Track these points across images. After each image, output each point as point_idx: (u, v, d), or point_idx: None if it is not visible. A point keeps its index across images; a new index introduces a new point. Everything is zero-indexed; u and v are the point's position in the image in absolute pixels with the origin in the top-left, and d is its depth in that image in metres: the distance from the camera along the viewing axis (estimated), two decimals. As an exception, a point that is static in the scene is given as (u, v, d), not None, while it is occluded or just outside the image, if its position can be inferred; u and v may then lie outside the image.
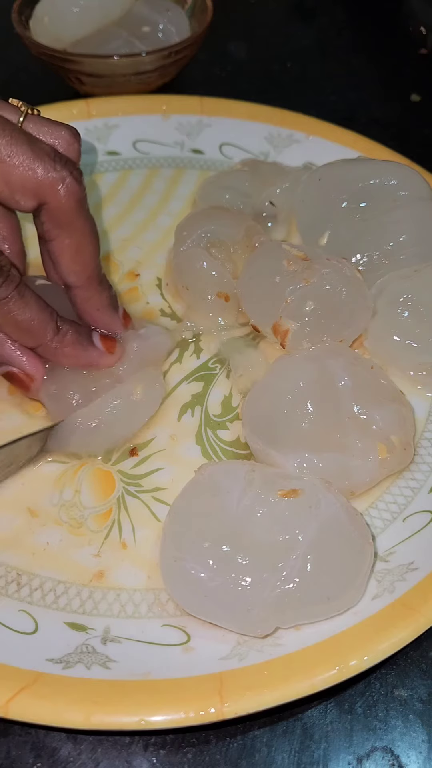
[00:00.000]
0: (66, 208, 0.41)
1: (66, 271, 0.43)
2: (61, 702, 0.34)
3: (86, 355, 0.45)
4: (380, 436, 0.42)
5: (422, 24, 0.86)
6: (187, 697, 0.34)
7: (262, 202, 0.57)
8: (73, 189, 0.40)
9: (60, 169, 0.40)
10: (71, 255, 0.43)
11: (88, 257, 0.43)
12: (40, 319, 0.42)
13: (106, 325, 0.46)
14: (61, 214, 0.41)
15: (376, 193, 0.53)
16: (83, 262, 0.43)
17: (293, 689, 0.34)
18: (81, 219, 0.42)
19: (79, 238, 0.42)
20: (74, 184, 0.40)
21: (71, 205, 0.41)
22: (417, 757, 0.37)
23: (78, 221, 0.42)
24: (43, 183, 0.39)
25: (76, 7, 0.70)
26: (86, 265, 0.43)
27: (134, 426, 0.46)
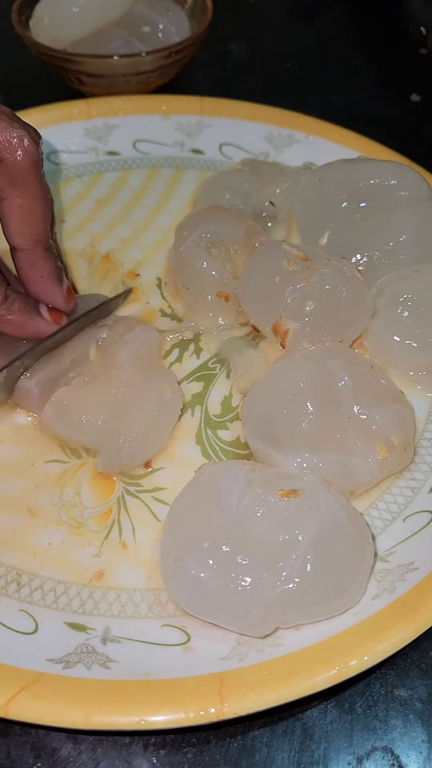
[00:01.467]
0: (21, 167, 0.41)
1: (14, 231, 0.44)
2: (61, 702, 0.34)
3: (32, 323, 0.45)
4: (380, 436, 0.42)
5: (422, 24, 0.86)
6: (187, 697, 0.34)
7: (262, 202, 0.57)
8: (30, 149, 0.41)
9: (18, 128, 0.41)
10: (20, 216, 0.43)
11: (37, 220, 0.44)
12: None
13: (49, 294, 0.46)
14: (16, 173, 0.41)
15: (376, 193, 0.53)
16: (31, 225, 0.44)
17: (293, 689, 0.34)
18: (35, 181, 0.42)
19: (30, 199, 0.43)
20: (32, 145, 0.41)
21: (27, 165, 0.42)
22: (417, 757, 0.37)
23: (31, 182, 0.42)
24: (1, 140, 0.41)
25: (76, 7, 0.70)
26: (34, 228, 0.44)
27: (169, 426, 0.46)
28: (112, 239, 0.58)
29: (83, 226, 0.59)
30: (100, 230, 0.59)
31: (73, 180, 0.62)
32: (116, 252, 0.57)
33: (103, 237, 0.58)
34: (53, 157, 0.63)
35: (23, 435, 0.46)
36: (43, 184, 0.43)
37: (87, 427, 0.43)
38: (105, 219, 0.59)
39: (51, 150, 0.63)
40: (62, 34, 0.69)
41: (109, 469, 0.44)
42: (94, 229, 0.59)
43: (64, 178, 0.62)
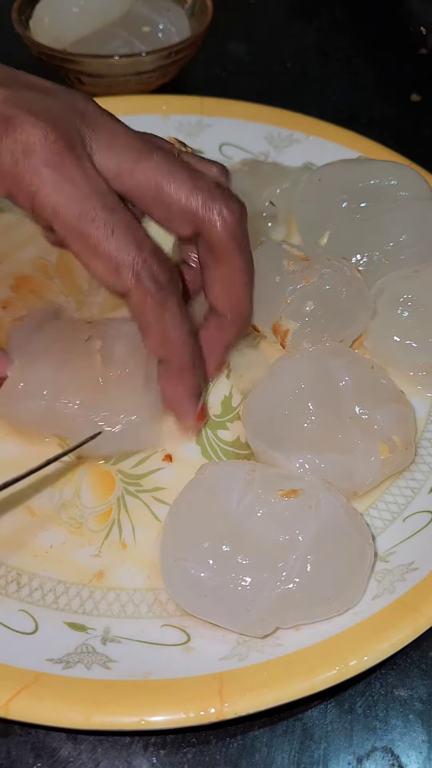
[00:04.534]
0: (221, 240, 0.40)
1: (214, 299, 0.43)
2: (61, 702, 0.34)
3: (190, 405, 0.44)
4: (382, 435, 0.42)
5: (422, 24, 0.86)
6: (187, 697, 0.34)
7: (262, 202, 0.57)
8: (229, 222, 0.40)
9: (218, 200, 0.39)
10: (222, 286, 0.42)
11: (239, 292, 0.42)
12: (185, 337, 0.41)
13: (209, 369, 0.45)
14: (215, 247, 0.40)
15: (376, 193, 0.53)
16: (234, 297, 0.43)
17: (293, 689, 0.34)
18: (235, 252, 0.41)
19: (229, 272, 0.41)
20: (231, 217, 0.40)
21: (227, 238, 0.40)
22: (417, 757, 0.37)
23: (232, 254, 0.41)
24: (198, 213, 0.39)
25: (76, 7, 0.70)
26: (236, 300, 0.43)
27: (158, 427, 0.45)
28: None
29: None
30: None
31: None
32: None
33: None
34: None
35: (23, 434, 0.46)
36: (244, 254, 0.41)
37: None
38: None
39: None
40: (62, 34, 0.69)
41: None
42: (94, 229, 0.58)
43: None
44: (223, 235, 0.40)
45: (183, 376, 0.42)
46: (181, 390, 0.43)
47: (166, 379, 0.43)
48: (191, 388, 0.43)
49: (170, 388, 0.43)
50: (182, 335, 0.40)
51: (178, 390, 0.43)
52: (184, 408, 0.44)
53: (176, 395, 0.43)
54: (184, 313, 0.40)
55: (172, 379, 0.43)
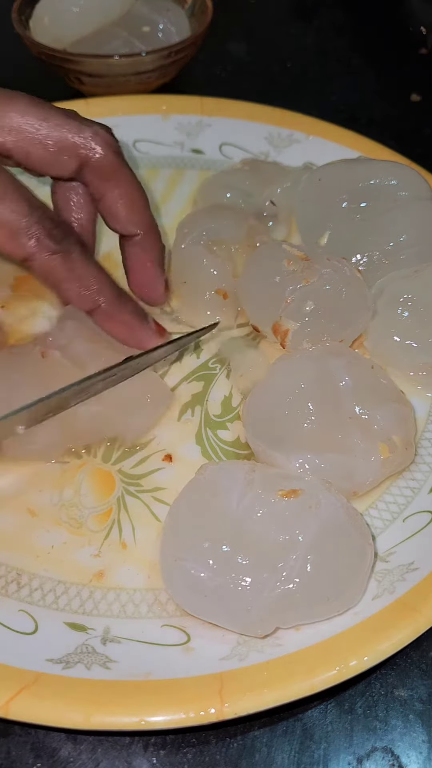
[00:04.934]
0: (108, 159, 0.42)
1: (126, 221, 0.44)
2: (61, 702, 0.34)
3: (142, 329, 0.45)
4: (382, 435, 0.42)
5: (422, 24, 0.86)
6: (187, 697, 0.34)
7: (263, 202, 0.57)
8: (109, 140, 0.42)
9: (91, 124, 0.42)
10: (126, 204, 0.44)
11: (142, 204, 0.44)
12: (102, 278, 0.43)
13: (152, 281, 0.47)
14: (105, 166, 0.42)
15: (376, 193, 0.53)
16: (140, 210, 0.44)
17: (293, 689, 0.34)
18: (125, 168, 0.43)
19: (127, 186, 0.43)
20: (108, 136, 0.42)
21: (112, 155, 0.42)
22: (417, 758, 0.37)
23: (122, 170, 0.43)
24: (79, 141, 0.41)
25: (76, 7, 0.70)
26: (143, 212, 0.45)
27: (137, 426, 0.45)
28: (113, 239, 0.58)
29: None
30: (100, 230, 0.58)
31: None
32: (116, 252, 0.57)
33: (103, 236, 0.58)
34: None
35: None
36: (131, 170, 0.44)
37: None
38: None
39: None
40: (62, 34, 0.69)
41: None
42: (94, 229, 0.58)
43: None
44: (110, 154, 0.42)
45: (120, 308, 0.44)
46: (127, 318, 0.44)
47: (106, 321, 0.44)
48: (133, 313, 0.44)
49: (115, 325, 0.44)
50: (98, 275, 0.42)
51: (124, 319, 0.44)
52: (140, 334, 0.45)
53: (124, 327, 0.44)
54: (89, 257, 0.42)
55: (113, 318, 0.44)
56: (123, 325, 0.44)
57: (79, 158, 0.41)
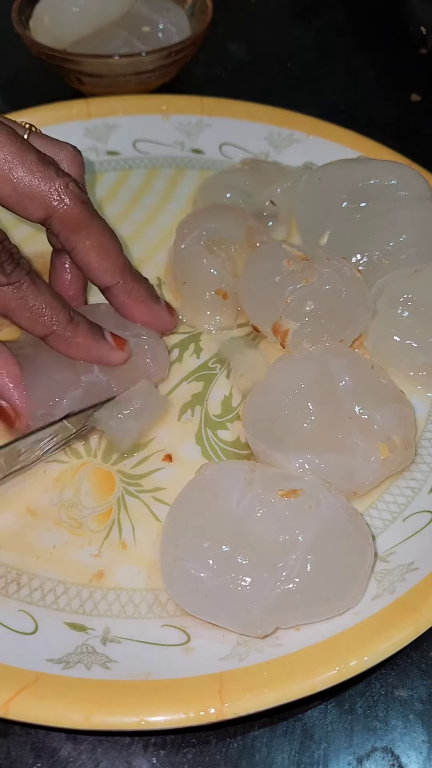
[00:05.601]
0: (75, 211, 0.42)
1: (99, 272, 0.44)
2: (61, 702, 0.34)
3: (98, 347, 0.44)
4: (382, 435, 0.42)
5: (422, 24, 0.86)
6: (187, 697, 0.34)
7: (263, 201, 0.57)
8: (76, 192, 0.41)
9: (63, 176, 0.41)
10: (98, 254, 0.44)
11: (114, 252, 0.44)
12: (53, 305, 0.42)
13: (154, 315, 0.47)
14: (73, 218, 0.42)
15: (376, 193, 0.53)
16: (112, 258, 0.44)
17: (293, 689, 0.34)
18: (93, 219, 0.43)
19: (98, 236, 0.43)
20: (76, 189, 0.42)
21: (80, 206, 0.42)
22: (417, 758, 0.37)
23: (92, 220, 0.43)
24: (48, 191, 0.41)
25: (76, 7, 0.70)
26: (116, 259, 0.44)
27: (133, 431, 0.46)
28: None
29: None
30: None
31: (73, 180, 0.62)
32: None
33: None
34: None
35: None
36: (101, 219, 0.44)
37: None
38: (105, 218, 0.59)
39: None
40: (62, 34, 0.69)
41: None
42: (94, 229, 0.58)
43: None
44: (78, 206, 0.42)
45: (74, 332, 0.43)
46: (80, 340, 0.44)
47: (61, 345, 0.44)
48: (86, 334, 0.44)
49: (71, 348, 0.44)
50: (50, 303, 0.42)
51: (78, 342, 0.44)
52: (97, 353, 0.45)
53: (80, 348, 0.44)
54: (41, 286, 0.42)
55: (67, 342, 0.43)
56: (78, 348, 0.44)
57: (46, 209, 0.41)
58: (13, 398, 0.43)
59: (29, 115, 0.63)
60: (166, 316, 0.48)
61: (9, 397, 0.43)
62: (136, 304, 0.46)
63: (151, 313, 0.47)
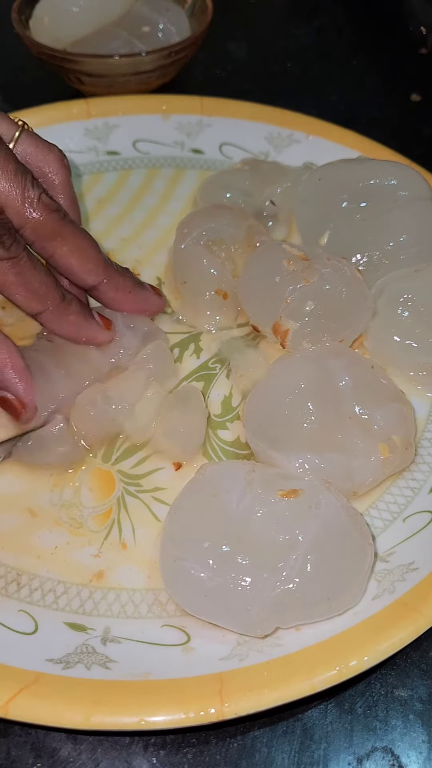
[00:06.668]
0: (48, 222, 0.42)
1: (83, 273, 0.45)
2: (61, 702, 0.34)
3: (88, 326, 0.45)
4: (382, 435, 0.42)
5: (422, 24, 0.86)
6: (187, 697, 0.34)
7: (263, 201, 0.57)
8: (47, 202, 0.42)
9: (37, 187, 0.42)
10: (77, 257, 0.44)
11: (93, 252, 0.45)
12: (48, 282, 0.43)
13: (144, 302, 0.48)
14: (46, 227, 0.43)
15: (376, 193, 0.53)
16: (93, 258, 0.45)
17: (293, 689, 0.34)
18: (66, 224, 0.43)
19: (73, 239, 0.44)
20: (47, 199, 0.42)
21: (51, 218, 0.43)
22: (417, 758, 0.37)
23: (64, 227, 0.43)
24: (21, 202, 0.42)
25: (76, 7, 0.70)
26: (96, 259, 0.45)
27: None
28: (112, 239, 0.58)
29: (83, 226, 0.58)
30: (99, 230, 0.59)
31: (73, 180, 0.61)
32: (116, 252, 0.57)
33: (103, 236, 0.58)
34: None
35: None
36: (74, 223, 0.44)
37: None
38: (105, 218, 0.59)
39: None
40: (62, 34, 0.69)
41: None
42: (94, 229, 0.58)
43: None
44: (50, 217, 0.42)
45: (66, 309, 0.44)
46: (72, 318, 0.45)
47: (53, 323, 0.45)
48: (78, 313, 0.45)
49: (62, 326, 0.45)
50: (45, 280, 0.43)
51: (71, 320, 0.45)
52: (87, 331, 0.46)
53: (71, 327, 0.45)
54: (37, 263, 0.43)
55: (59, 320, 0.44)
56: (70, 325, 0.45)
57: (19, 218, 0.42)
58: (19, 390, 0.43)
59: (29, 115, 0.63)
60: (154, 298, 0.49)
61: (14, 389, 0.43)
62: (125, 295, 0.47)
63: (140, 300, 0.48)
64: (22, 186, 0.41)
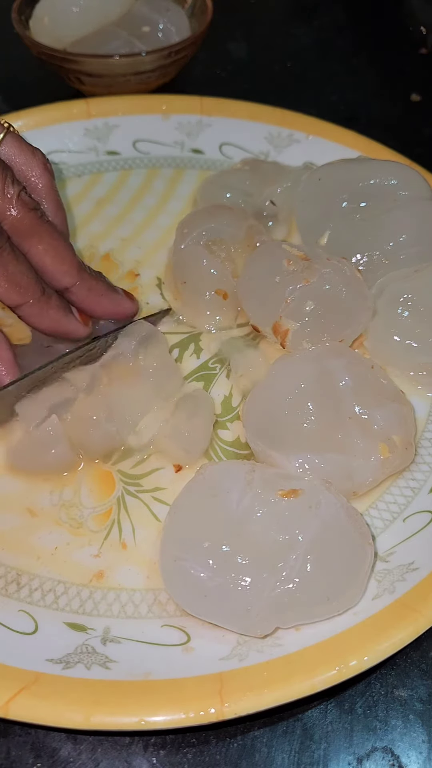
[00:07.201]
0: (25, 220, 0.43)
1: (57, 274, 0.45)
2: (61, 702, 0.34)
3: (67, 321, 0.46)
4: (382, 435, 0.42)
5: (422, 24, 0.86)
6: (187, 697, 0.34)
7: (263, 201, 0.57)
8: (26, 200, 0.43)
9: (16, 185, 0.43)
10: (52, 257, 0.45)
11: (68, 254, 0.46)
12: (30, 275, 0.44)
13: (117, 304, 0.48)
14: (23, 225, 0.43)
15: (376, 193, 0.53)
16: (67, 260, 0.45)
17: (293, 689, 0.34)
18: (43, 224, 0.44)
19: (49, 240, 0.44)
20: (26, 197, 0.43)
21: (29, 216, 0.43)
22: (417, 758, 0.37)
23: (41, 226, 0.44)
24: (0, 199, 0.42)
25: (76, 7, 0.70)
26: (71, 261, 0.46)
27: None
28: (112, 239, 0.58)
29: (83, 226, 0.59)
30: (99, 230, 0.59)
31: (73, 180, 0.62)
32: (116, 252, 0.57)
33: (103, 237, 0.58)
34: (53, 156, 0.63)
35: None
36: (51, 224, 0.45)
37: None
38: (105, 219, 0.59)
39: (51, 149, 0.63)
40: (62, 34, 0.69)
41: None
42: (93, 229, 0.59)
43: (64, 178, 0.62)
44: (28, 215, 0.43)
45: (46, 304, 0.45)
46: (52, 313, 0.45)
47: (33, 317, 0.45)
48: (57, 307, 0.46)
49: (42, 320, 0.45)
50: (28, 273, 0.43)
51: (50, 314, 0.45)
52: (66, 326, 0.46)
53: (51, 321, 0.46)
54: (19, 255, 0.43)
55: (39, 314, 0.45)
56: (49, 320, 0.46)
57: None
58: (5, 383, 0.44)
59: (29, 115, 0.63)
60: (127, 302, 0.49)
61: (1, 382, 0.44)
62: (98, 298, 0.48)
63: (113, 304, 0.48)
64: (2, 182, 0.42)
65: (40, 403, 0.44)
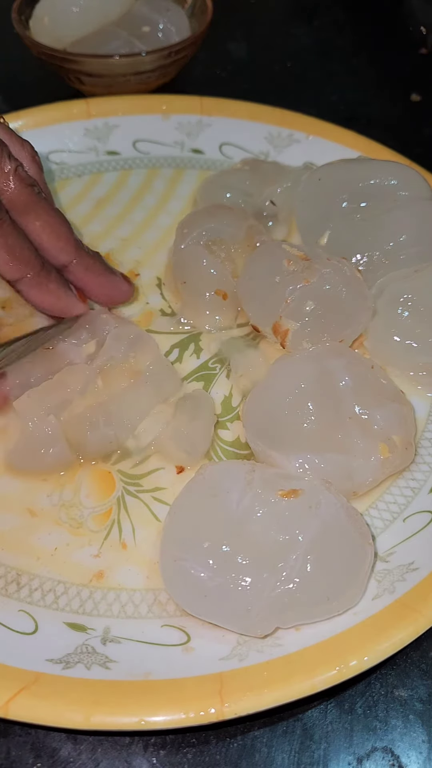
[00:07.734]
0: (23, 196, 0.43)
1: (54, 251, 0.46)
2: (61, 702, 0.34)
3: (66, 296, 0.46)
4: (382, 435, 0.42)
5: (422, 24, 0.86)
6: (187, 697, 0.34)
7: (263, 201, 0.57)
8: (23, 176, 0.43)
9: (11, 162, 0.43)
10: (48, 234, 0.45)
11: (65, 231, 0.46)
12: (30, 248, 0.44)
13: (113, 286, 0.49)
14: (20, 202, 0.43)
15: (376, 193, 0.53)
16: (64, 237, 0.46)
17: (293, 689, 0.34)
18: (40, 201, 0.44)
19: (46, 217, 0.45)
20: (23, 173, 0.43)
21: (26, 191, 0.43)
22: (417, 758, 0.37)
23: (39, 203, 0.44)
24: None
25: (76, 7, 0.70)
26: (68, 238, 0.46)
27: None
28: (112, 239, 0.58)
29: (83, 226, 0.59)
30: (99, 230, 0.59)
31: (73, 180, 0.62)
32: (116, 252, 0.57)
33: (103, 237, 0.58)
34: (53, 156, 0.63)
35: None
36: (49, 202, 0.45)
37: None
38: (105, 219, 0.59)
39: (51, 149, 0.63)
40: (62, 34, 0.69)
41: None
42: (93, 229, 0.59)
43: (64, 178, 0.62)
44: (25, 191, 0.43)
45: (46, 278, 0.45)
46: (53, 287, 0.45)
47: (32, 290, 0.45)
48: (57, 282, 0.46)
49: (41, 294, 0.46)
50: (27, 246, 0.44)
51: (50, 288, 0.45)
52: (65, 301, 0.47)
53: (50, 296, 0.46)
54: (18, 229, 0.43)
55: (38, 287, 0.45)
56: (49, 294, 0.46)
57: None
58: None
59: (29, 115, 0.63)
60: (124, 285, 0.50)
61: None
62: (95, 277, 0.48)
63: (110, 284, 0.49)
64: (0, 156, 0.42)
65: (37, 403, 0.44)
